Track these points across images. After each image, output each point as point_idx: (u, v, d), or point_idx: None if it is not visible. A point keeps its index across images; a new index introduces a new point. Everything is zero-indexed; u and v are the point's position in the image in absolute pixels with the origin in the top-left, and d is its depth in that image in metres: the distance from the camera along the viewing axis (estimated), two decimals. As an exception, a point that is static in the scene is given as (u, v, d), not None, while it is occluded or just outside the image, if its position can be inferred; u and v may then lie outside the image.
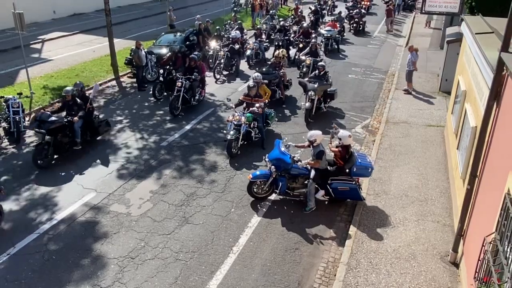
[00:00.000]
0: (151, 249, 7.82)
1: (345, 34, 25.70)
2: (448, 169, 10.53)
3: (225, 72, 18.02)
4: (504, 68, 5.94)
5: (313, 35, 20.38)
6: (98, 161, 11.02)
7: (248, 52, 19.43)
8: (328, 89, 14.09)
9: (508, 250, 4.85)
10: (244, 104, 12.18)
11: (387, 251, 7.80)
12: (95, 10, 31.16)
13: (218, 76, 17.45)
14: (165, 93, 15.31)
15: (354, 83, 17.59)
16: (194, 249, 7.89)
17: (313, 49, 17.68)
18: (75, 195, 9.46)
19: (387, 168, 10.69)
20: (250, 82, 12.45)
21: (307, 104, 13.30)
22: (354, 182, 9.04)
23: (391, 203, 9.25)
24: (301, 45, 19.68)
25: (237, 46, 18.48)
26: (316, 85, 13.39)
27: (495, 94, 6.30)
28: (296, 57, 19.03)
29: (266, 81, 13.35)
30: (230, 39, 19.18)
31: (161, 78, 15.16)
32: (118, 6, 32.70)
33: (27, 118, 12.99)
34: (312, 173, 8.99)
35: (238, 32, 19.93)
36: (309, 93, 13.25)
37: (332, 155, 9.55)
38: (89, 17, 30.11)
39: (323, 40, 22.05)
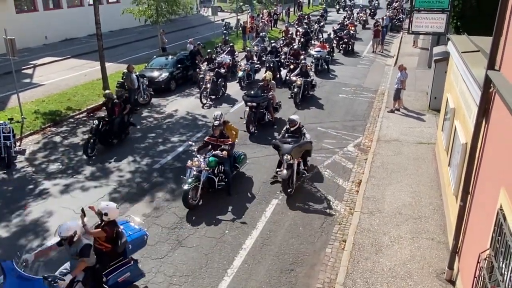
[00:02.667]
0: (145, 273, 7.68)
1: (334, 54, 26.09)
2: (440, 186, 10.58)
3: (212, 97, 17.73)
4: (491, 85, 6.05)
5: (303, 56, 20.70)
6: (89, 185, 10.92)
7: (240, 73, 19.47)
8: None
9: (503, 266, 4.85)
10: (210, 146, 10.54)
11: (383, 270, 7.75)
12: (87, 35, 31.40)
13: (204, 101, 17.13)
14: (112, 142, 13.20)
15: (344, 102, 17.77)
16: (188, 273, 7.77)
17: (303, 70, 17.78)
18: (66, 220, 9.29)
19: (380, 186, 10.72)
20: (215, 121, 10.86)
21: (284, 172, 10.23)
22: (131, 263, 7.04)
23: (385, 221, 9.23)
24: (292, 66, 19.93)
25: (223, 71, 18.28)
26: (291, 146, 10.39)
27: (484, 111, 6.39)
28: (287, 78, 19.10)
29: (229, 123, 11.63)
30: (217, 63, 19.02)
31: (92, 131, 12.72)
32: (110, 31, 32.99)
33: (18, 143, 12.90)
34: (80, 276, 6.39)
35: (225, 56, 19.98)
36: (284, 157, 10.28)
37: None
38: (81, 41, 30.32)
39: (313, 60, 22.34)
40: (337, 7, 53.42)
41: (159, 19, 23.20)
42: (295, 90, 17.01)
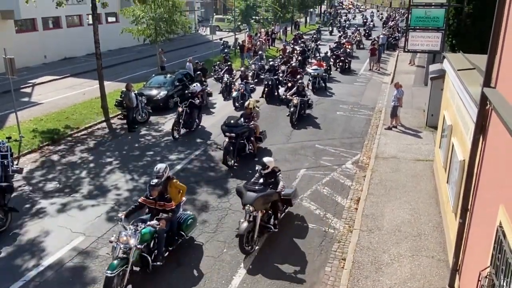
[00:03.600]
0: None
1: (331, 72, 26.33)
2: (439, 203, 10.55)
3: (184, 130, 15.86)
4: (488, 102, 6.10)
5: (299, 76, 20.71)
6: (87, 203, 10.85)
7: (234, 93, 19.20)
8: (283, 194, 9.46)
9: (504, 284, 4.80)
10: (147, 210, 8.43)
11: (383, 289, 7.66)
12: (86, 54, 31.68)
13: (176, 135, 15.22)
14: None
15: (342, 119, 17.84)
16: (186, 293, 7.65)
17: (300, 89, 17.69)
18: (63, 240, 9.24)
19: (379, 204, 10.68)
20: (153, 179, 8.39)
21: (243, 225, 8.55)
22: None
23: (384, 239, 9.17)
24: (289, 84, 19.96)
25: (197, 101, 15.89)
26: (254, 196, 8.64)
27: (481, 128, 6.43)
28: (284, 96, 19.09)
29: (174, 179, 9.16)
30: (189, 93, 16.33)
31: None
32: (109, 50, 33.29)
33: (15, 162, 12.85)
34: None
35: (198, 85, 17.23)
36: (246, 208, 8.69)
37: None
38: (80, 60, 30.55)
39: (310, 78, 22.53)
40: (330, 28, 52.13)
41: (158, 38, 23.45)
42: (292, 109, 16.83)
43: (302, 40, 36.36)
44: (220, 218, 10.15)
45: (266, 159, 9.66)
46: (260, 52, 28.71)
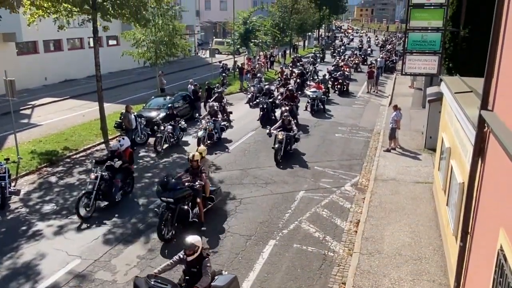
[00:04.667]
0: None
1: (330, 95, 26.53)
2: (439, 226, 10.47)
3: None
4: (486, 125, 6.12)
5: (297, 100, 20.47)
6: (83, 226, 10.74)
7: (200, 133, 16.47)
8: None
9: (507, 309, 4.71)
10: None
11: (384, 314, 7.52)
12: (87, 76, 31.94)
13: (84, 216, 10.98)
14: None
15: (341, 141, 17.88)
16: (183, 318, 7.48)
17: (286, 123, 15.71)
18: (59, 263, 9.10)
19: (378, 226, 10.59)
20: None
21: None
22: None
23: (385, 263, 9.05)
24: (286, 108, 19.55)
25: (118, 163, 11.57)
26: None
27: (479, 151, 6.43)
28: (268, 131, 16.03)
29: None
30: (109, 153, 12.47)
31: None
32: (110, 72, 33.61)
33: (13, 184, 12.80)
34: None
35: (125, 138, 12.65)
36: None
37: None
38: (80, 83, 30.78)
39: (309, 100, 22.67)
40: (320, 55, 47.16)
41: (158, 61, 23.71)
42: (276, 146, 15.01)
43: (301, 63, 36.78)
44: (218, 241, 10.03)
45: (191, 239, 6.82)
46: (259, 75, 29.00)
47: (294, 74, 30.50)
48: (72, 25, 17.39)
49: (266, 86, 23.04)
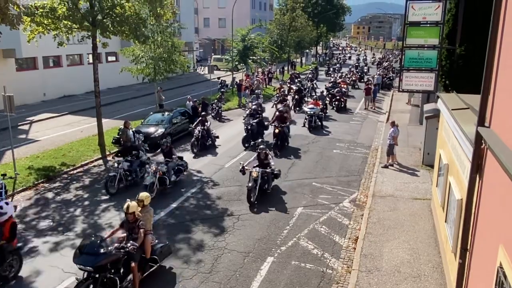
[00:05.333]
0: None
1: (327, 111, 26.65)
2: (438, 243, 10.41)
3: None
4: (483, 141, 6.15)
5: (288, 122, 19.32)
6: (79, 242, 10.61)
7: (148, 178, 13.53)
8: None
9: (508, 328, 4.66)
10: None
11: (384, 333, 7.41)
12: (85, 92, 32.06)
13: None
14: None
15: (339, 158, 17.88)
16: (180, 337, 7.35)
17: (262, 157, 13.66)
18: (54, 280, 8.98)
19: (377, 243, 10.52)
20: None
21: None
22: None
23: (384, 280, 8.97)
24: (276, 131, 18.35)
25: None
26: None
27: (477, 167, 6.44)
28: (241, 167, 13.53)
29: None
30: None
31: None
32: (108, 88, 33.75)
33: (9, 200, 12.70)
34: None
35: (8, 204, 9.43)
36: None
37: None
38: (79, 98, 30.86)
39: (307, 117, 22.74)
40: (311, 77, 40.33)
41: (156, 77, 23.84)
42: (250, 184, 12.82)
43: (299, 79, 37.04)
44: (215, 258, 9.94)
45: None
46: (257, 91, 29.17)
47: (292, 91, 30.69)
48: (71, 42, 17.53)
49: (253, 106, 21.08)
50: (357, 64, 56.93)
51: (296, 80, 36.09)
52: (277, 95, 28.82)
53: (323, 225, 11.67)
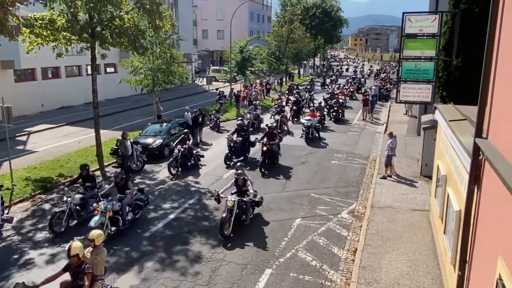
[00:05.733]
0: None
1: (325, 122, 26.70)
2: (437, 255, 10.36)
3: None
4: (481, 153, 6.16)
5: (277, 139, 17.82)
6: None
7: (95, 219, 11.02)
8: None
9: None
10: None
11: None
12: (84, 103, 32.08)
13: None
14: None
15: (337, 168, 17.87)
16: None
17: (240, 183, 12.17)
18: (50, 293, 8.87)
19: (376, 255, 10.46)
20: None
21: None
22: None
23: (383, 292, 8.90)
24: (264, 149, 16.85)
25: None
26: None
27: (475, 178, 6.44)
28: (216, 195, 12.33)
29: None
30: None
31: None
32: (107, 99, 33.80)
33: (6, 211, 12.63)
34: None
35: None
36: None
37: None
38: (77, 109, 30.87)
39: (304, 129, 22.58)
40: (309, 88, 41.43)
41: (155, 88, 23.90)
42: (224, 215, 11.27)
43: (297, 90, 37.20)
44: (213, 270, 9.86)
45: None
46: (255, 102, 29.26)
47: (290, 102, 30.80)
48: (70, 53, 17.57)
49: (238, 122, 19.64)
50: (354, 76, 57.18)
51: (294, 91, 36.26)
52: (275, 106, 28.91)
53: (322, 237, 11.62)
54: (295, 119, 27.39)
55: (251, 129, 23.12)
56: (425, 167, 16.48)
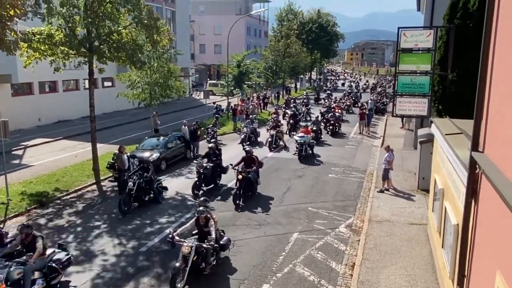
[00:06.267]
0: None
1: (322, 136, 26.73)
2: (436, 269, 10.29)
3: None
4: (477, 166, 6.16)
5: (256, 165, 15.65)
6: (71, 269, 10.41)
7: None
8: None
9: None
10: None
11: None
12: (81, 117, 32.07)
13: None
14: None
15: (334, 182, 17.85)
16: None
17: (201, 223, 10.04)
18: (44, 309, 8.73)
19: (374, 270, 10.39)
20: None
21: None
22: None
23: (381, 308, 8.81)
24: (240, 177, 14.74)
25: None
26: None
27: (472, 192, 6.44)
28: (170, 237, 9.84)
29: None
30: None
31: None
32: (104, 113, 33.82)
33: (1, 226, 12.50)
34: None
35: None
36: None
37: None
38: (74, 123, 30.86)
39: (297, 146, 21.80)
40: (306, 101, 40.65)
41: (152, 102, 23.97)
42: (177, 264, 9.29)
43: (294, 104, 37.37)
44: (210, 285, 9.75)
45: None
46: (251, 116, 29.35)
47: (287, 115, 30.89)
48: (68, 67, 17.64)
49: (210, 145, 17.53)
50: (350, 90, 57.46)
51: (291, 105, 36.41)
52: (271, 120, 29.00)
53: (320, 251, 11.54)
54: (292, 133, 27.45)
55: (247, 142, 23.14)
56: (422, 181, 16.48)
